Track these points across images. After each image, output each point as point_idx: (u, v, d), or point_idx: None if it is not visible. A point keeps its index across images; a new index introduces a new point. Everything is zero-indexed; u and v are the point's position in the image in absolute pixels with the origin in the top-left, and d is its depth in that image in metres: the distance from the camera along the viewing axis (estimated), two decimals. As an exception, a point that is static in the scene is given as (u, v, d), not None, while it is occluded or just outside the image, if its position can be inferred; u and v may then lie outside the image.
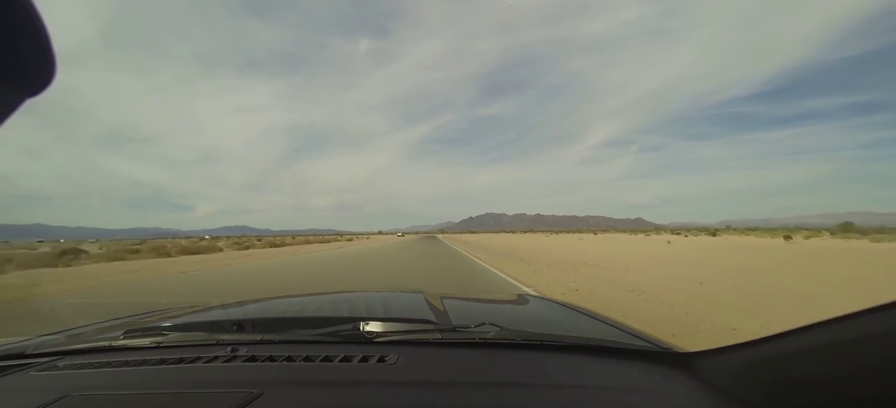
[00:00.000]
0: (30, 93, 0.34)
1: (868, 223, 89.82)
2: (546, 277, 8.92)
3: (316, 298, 1.59)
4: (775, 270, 10.18)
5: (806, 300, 5.87)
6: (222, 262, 15.87)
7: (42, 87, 0.34)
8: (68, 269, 13.89)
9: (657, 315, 4.85)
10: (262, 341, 0.91)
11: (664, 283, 7.85)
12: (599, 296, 6.40)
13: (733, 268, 10.80)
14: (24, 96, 0.34)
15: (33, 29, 0.33)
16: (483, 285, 8.02)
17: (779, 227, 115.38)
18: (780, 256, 15.79)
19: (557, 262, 13.38)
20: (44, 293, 7.60)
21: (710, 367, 0.72)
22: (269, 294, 1.65)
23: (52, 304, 6.37)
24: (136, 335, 1.00)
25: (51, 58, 0.34)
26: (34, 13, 0.33)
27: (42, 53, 0.34)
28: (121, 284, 9.03)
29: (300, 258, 17.45)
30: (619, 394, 0.68)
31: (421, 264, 12.60)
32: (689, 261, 13.45)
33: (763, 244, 27.94)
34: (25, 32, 0.33)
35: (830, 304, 5.62)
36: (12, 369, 0.87)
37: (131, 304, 6.15)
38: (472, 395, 0.65)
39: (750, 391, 0.60)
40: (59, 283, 9.33)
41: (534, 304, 1.50)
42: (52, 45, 0.34)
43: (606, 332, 1.04)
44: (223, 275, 10.80)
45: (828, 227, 68.19)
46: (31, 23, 0.33)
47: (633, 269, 10.74)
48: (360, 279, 9.26)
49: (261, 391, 0.64)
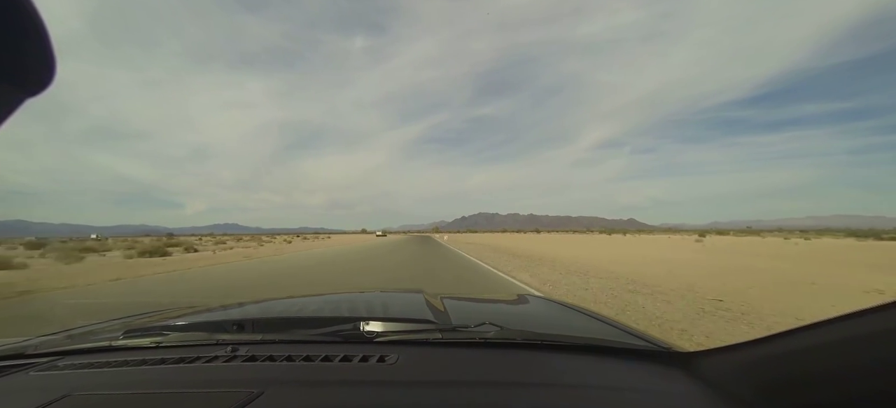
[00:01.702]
0: (30, 93, 0.34)
1: (857, 226, 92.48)
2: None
3: (316, 299, 1.59)
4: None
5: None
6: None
7: (42, 87, 0.34)
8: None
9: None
10: (262, 340, 0.91)
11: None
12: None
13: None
14: (23, 96, 0.34)
15: (34, 29, 0.33)
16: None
17: (769, 229, 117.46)
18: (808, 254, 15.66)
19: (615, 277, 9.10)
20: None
21: (709, 366, 0.73)
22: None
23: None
24: (136, 335, 1.00)
25: (51, 58, 0.34)
26: (35, 13, 0.33)
27: (42, 53, 0.34)
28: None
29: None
30: (619, 393, 0.68)
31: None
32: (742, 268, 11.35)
33: (780, 245, 28.19)
34: (26, 32, 0.33)
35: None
36: (12, 369, 0.86)
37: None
38: (472, 395, 0.65)
39: (750, 391, 0.60)
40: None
41: (534, 304, 1.51)
42: (53, 45, 0.34)
43: (606, 331, 1.04)
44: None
45: (816, 228, 69.73)
46: (31, 23, 0.33)
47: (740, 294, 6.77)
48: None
49: (261, 391, 0.64)
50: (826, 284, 8.11)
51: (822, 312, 5.27)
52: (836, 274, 9.86)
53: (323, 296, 1.73)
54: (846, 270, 10.70)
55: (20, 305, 6.50)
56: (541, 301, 1.48)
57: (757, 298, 6.32)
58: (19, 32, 0.33)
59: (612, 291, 7.13)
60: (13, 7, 0.33)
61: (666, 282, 8.29)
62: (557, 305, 1.46)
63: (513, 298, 1.61)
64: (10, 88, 0.34)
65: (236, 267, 13.07)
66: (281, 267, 12.94)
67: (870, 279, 8.81)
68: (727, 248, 24.74)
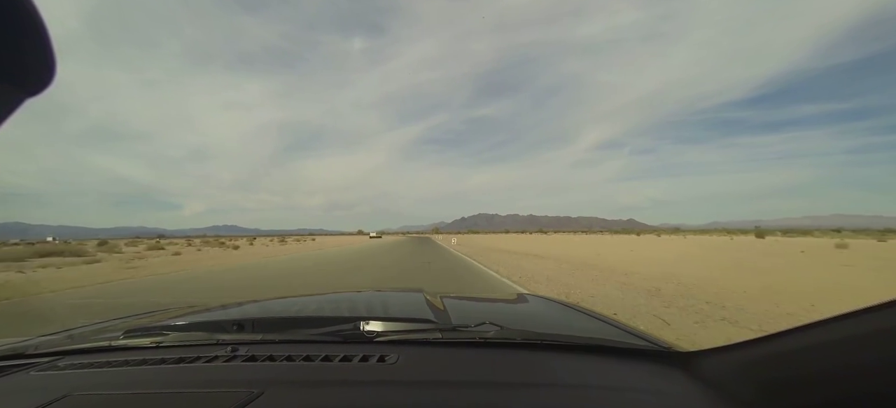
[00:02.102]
0: (29, 93, 0.34)
1: (855, 226, 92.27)
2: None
3: (316, 298, 1.58)
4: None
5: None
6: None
7: (42, 87, 0.34)
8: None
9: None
10: (262, 340, 0.91)
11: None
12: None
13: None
14: (23, 96, 0.34)
15: (34, 29, 0.33)
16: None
17: (769, 228, 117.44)
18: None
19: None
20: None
21: (709, 366, 0.73)
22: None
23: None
24: (136, 335, 1.00)
25: (51, 58, 0.34)
26: (35, 13, 0.33)
27: (42, 54, 0.33)
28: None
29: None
30: (619, 393, 0.68)
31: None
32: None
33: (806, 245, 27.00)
34: (26, 32, 0.33)
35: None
36: (12, 369, 0.86)
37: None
38: (472, 394, 0.65)
39: (749, 390, 0.60)
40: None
41: (534, 303, 1.50)
42: (53, 46, 0.33)
43: (606, 331, 1.04)
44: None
45: (816, 228, 69.69)
46: (31, 23, 0.33)
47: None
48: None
49: (261, 391, 0.64)
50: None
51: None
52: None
53: (323, 295, 1.72)
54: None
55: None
56: (541, 301, 1.47)
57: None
58: (19, 32, 0.33)
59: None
60: (13, 7, 0.33)
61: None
62: (557, 304, 1.45)
63: (513, 297, 1.60)
64: (10, 88, 0.33)
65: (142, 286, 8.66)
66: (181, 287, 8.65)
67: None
68: (748, 246, 24.33)
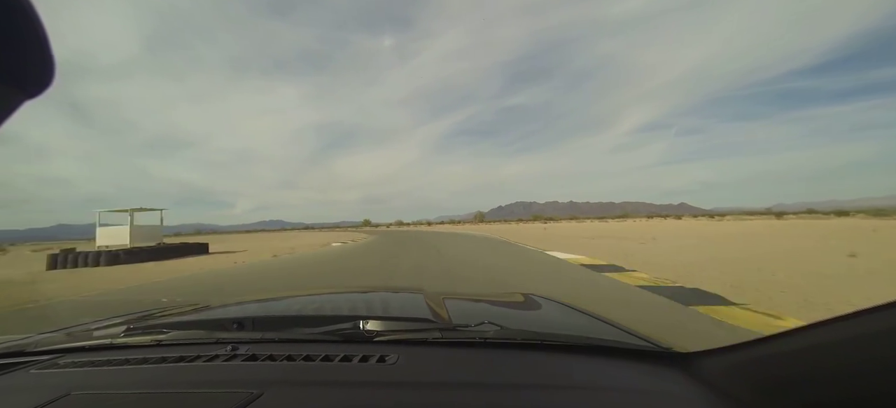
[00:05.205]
0: (29, 95, 0.34)
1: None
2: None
3: (316, 298, 1.59)
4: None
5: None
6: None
7: (42, 89, 0.34)
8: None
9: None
10: (263, 339, 0.92)
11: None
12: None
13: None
14: (23, 98, 0.34)
15: (33, 31, 0.33)
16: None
17: (844, 209, 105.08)
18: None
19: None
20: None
21: (708, 366, 0.72)
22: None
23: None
24: (137, 333, 1.00)
25: (50, 59, 0.33)
26: (34, 14, 0.33)
27: (42, 56, 0.33)
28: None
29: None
30: (618, 394, 0.68)
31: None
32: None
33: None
34: (26, 33, 0.33)
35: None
36: (13, 367, 0.85)
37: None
38: (472, 394, 0.65)
39: (749, 391, 0.60)
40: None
41: (534, 303, 1.46)
42: (52, 48, 0.33)
43: (606, 332, 1.02)
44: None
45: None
46: (30, 25, 0.33)
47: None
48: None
49: (261, 391, 0.64)
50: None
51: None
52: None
53: (323, 295, 1.71)
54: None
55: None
56: (541, 301, 1.43)
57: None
58: (19, 33, 0.33)
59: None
60: (13, 7, 0.32)
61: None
62: (558, 304, 1.41)
63: (513, 297, 1.57)
64: (10, 89, 0.33)
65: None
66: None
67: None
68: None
